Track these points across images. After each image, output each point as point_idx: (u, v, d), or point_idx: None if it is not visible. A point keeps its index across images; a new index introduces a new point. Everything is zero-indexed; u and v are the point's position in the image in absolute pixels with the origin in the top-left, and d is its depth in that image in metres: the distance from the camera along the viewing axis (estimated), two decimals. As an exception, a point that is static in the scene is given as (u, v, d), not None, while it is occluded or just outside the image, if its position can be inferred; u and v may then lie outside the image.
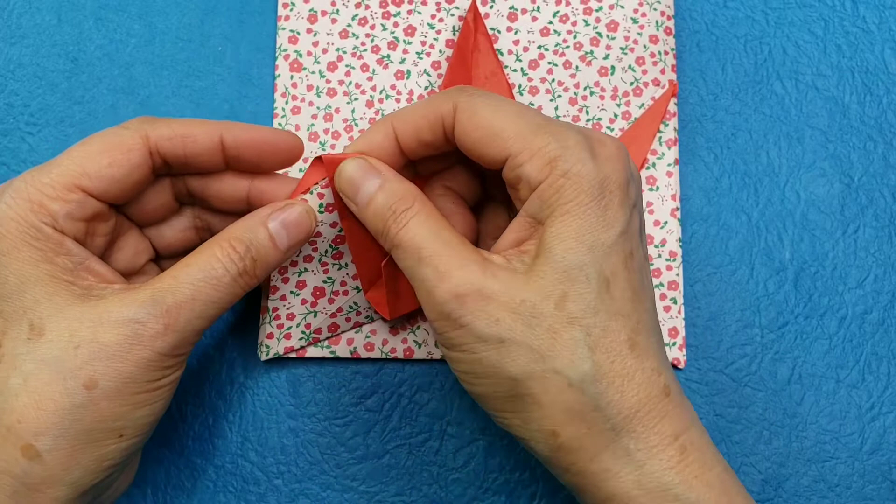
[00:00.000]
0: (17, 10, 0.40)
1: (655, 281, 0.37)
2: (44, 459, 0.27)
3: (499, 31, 0.39)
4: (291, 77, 0.38)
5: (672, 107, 0.38)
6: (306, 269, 0.35)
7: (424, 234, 0.29)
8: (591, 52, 0.38)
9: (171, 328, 0.28)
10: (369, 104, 0.38)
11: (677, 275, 0.37)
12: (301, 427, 0.37)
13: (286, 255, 0.31)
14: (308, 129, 0.38)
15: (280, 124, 0.38)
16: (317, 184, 0.35)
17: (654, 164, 0.38)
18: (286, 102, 0.38)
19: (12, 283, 0.28)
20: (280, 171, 0.34)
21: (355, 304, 0.36)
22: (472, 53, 0.38)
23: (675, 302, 0.37)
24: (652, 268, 0.37)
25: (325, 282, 0.35)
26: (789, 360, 0.37)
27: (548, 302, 0.27)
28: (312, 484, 0.37)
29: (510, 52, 0.38)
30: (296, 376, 0.37)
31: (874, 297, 0.38)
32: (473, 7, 0.38)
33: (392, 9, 0.39)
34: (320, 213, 0.35)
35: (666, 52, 0.38)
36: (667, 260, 0.37)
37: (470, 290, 0.28)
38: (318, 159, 0.33)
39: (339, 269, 0.35)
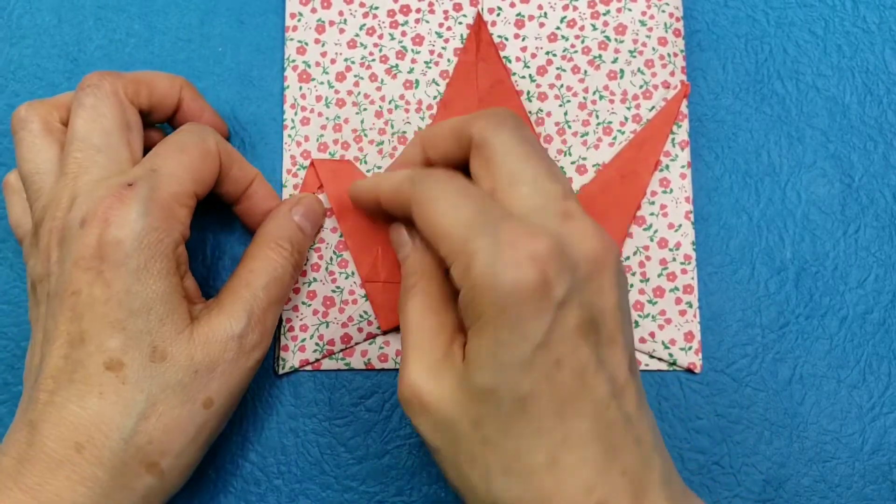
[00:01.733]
0: (17, 10, 0.40)
1: (671, 285, 0.37)
2: (165, 477, 0.29)
3: (506, 39, 0.38)
4: (300, 88, 0.38)
5: (684, 108, 0.38)
6: (315, 279, 0.36)
7: (413, 318, 0.30)
8: (600, 56, 0.38)
9: (265, 334, 0.31)
10: (378, 114, 0.38)
11: (692, 278, 0.37)
12: (301, 427, 0.37)
13: (312, 242, 0.35)
14: (318, 140, 0.38)
15: (290, 135, 0.38)
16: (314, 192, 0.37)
17: (667, 167, 0.38)
18: (295, 113, 0.38)
19: (142, 299, 0.29)
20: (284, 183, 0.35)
21: (365, 313, 0.36)
22: (476, 63, 0.38)
23: (691, 306, 0.37)
24: (666, 272, 0.37)
25: (333, 291, 0.36)
26: (790, 360, 0.37)
27: (465, 421, 0.27)
28: (312, 484, 0.37)
29: (518, 58, 0.38)
30: (296, 376, 0.37)
31: (875, 296, 0.38)
32: (478, 17, 0.38)
33: (400, 18, 0.39)
34: None
35: (675, 55, 0.38)
36: (681, 263, 0.37)
37: (412, 395, 0.28)
38: (312, 165, 0.35)
39: (347, 277, 0.36)
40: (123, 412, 0.28)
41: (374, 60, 0.38)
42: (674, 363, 0.37)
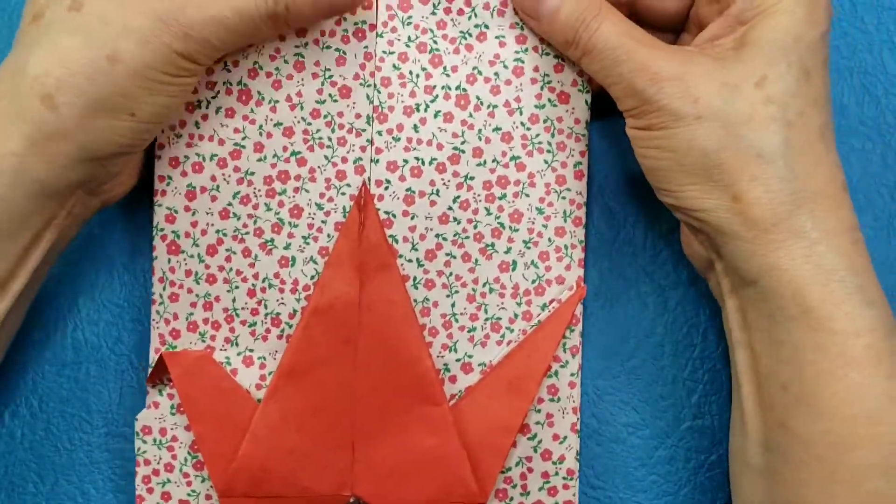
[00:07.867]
0: (17, 10, 0.40)
1: (551, 500, 0.35)
2: (60, 112, 0.30)
3: (394, 216, 0.35)
4: (169, 260, 0.35)
5: (578, 311, 0.35)
6: (169, 480, 0.35)
7: (617, 36, 0.31)
8: (493, 244, 0.35)
9: (190, 36, 0.30)
10: (251, 293, 0.35)
11: (574, 495, 0.35)
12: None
13: (317, 11, 0.32)
14: (187, 319, 0.35)
15: (158, 311, 0.35)
16: (164, 384, 0.35)
17: (556, 373, 0.35)
18: (164, 289, 0.35)
19: None
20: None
21: None
22: (359, 244, 0.35)
23: None
24: (548, 486, 0.35)
25: (189, 495, 0.35)
26: (789, 359, 0.37)
27: (748, 82, 0.30)
28: (311, 483, 0.36)
29: (406, 238, 0.35)
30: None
31: (873, 296, 0.38)
32: (363, 189, 0.35)
33: (277, 185, 0.35)
34: (172, 415, 0.35)
35: (573, 246, 0.35)
36: (563, 478, 0.35)
37: (669, 75, 0.30)
38: (162, 358, 0.34)
39: (203, 480, 0.35)
40: (28, 48, 0.30)
41: (247, 233, 0.35)
42: None
